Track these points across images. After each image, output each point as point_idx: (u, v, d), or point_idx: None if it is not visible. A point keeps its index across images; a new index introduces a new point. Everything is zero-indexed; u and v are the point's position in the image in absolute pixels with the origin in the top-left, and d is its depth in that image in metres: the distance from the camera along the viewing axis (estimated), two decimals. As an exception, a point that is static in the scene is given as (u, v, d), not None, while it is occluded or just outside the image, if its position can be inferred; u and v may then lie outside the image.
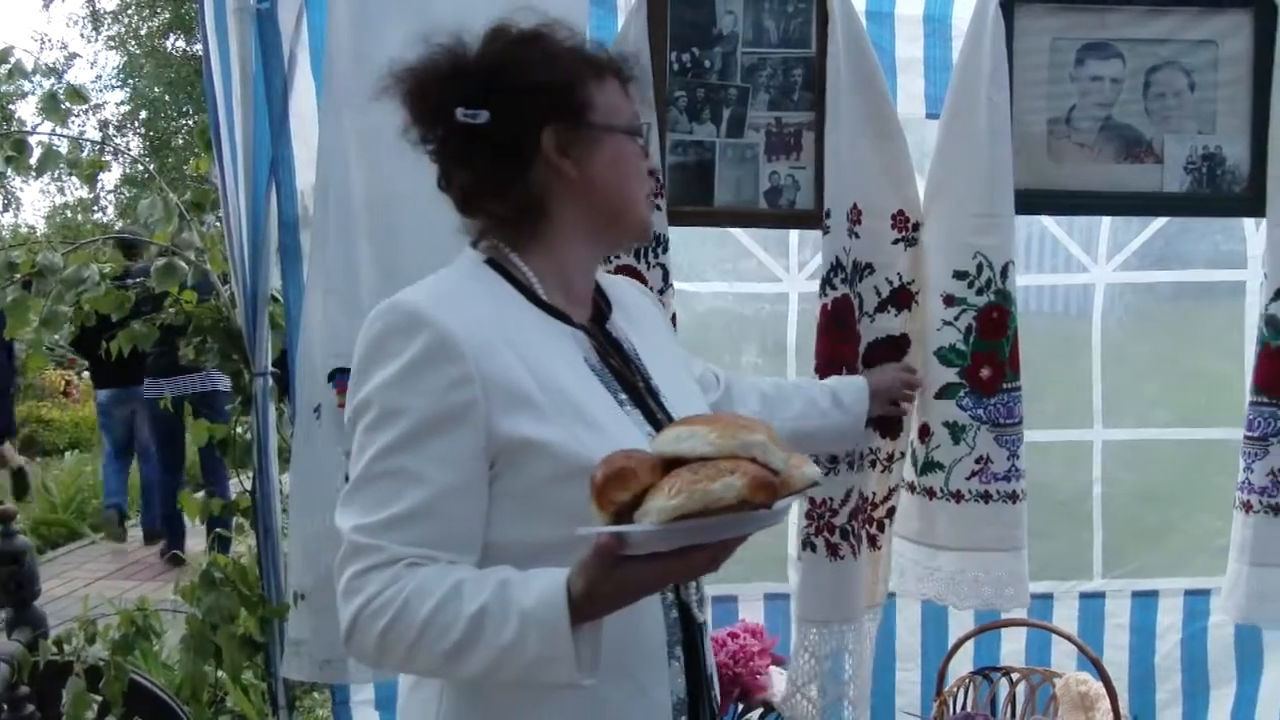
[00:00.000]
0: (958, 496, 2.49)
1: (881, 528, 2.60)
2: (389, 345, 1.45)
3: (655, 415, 1.61)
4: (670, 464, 1.30)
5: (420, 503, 1.42)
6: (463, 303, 1.50)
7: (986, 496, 2.47)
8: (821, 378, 2.41)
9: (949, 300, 2.45)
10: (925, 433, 2.52)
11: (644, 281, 2.45)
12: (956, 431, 2.47)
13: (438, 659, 1.39)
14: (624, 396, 1.59)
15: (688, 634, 1.60)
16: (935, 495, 2.51)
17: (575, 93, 1.56)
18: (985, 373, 2.44)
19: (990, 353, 2.44)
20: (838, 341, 2.45)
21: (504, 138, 1.55)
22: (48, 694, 2.64)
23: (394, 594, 1.38)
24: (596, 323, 1.67)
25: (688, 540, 1.28)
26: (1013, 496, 2.47)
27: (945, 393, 2.47)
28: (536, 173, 1.57)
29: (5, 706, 2.55)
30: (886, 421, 2.53)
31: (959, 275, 2.43)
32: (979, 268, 2.42)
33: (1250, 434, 2.54)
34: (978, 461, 2.47)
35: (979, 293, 2.43)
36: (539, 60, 1.56)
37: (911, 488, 2.56)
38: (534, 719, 1.49)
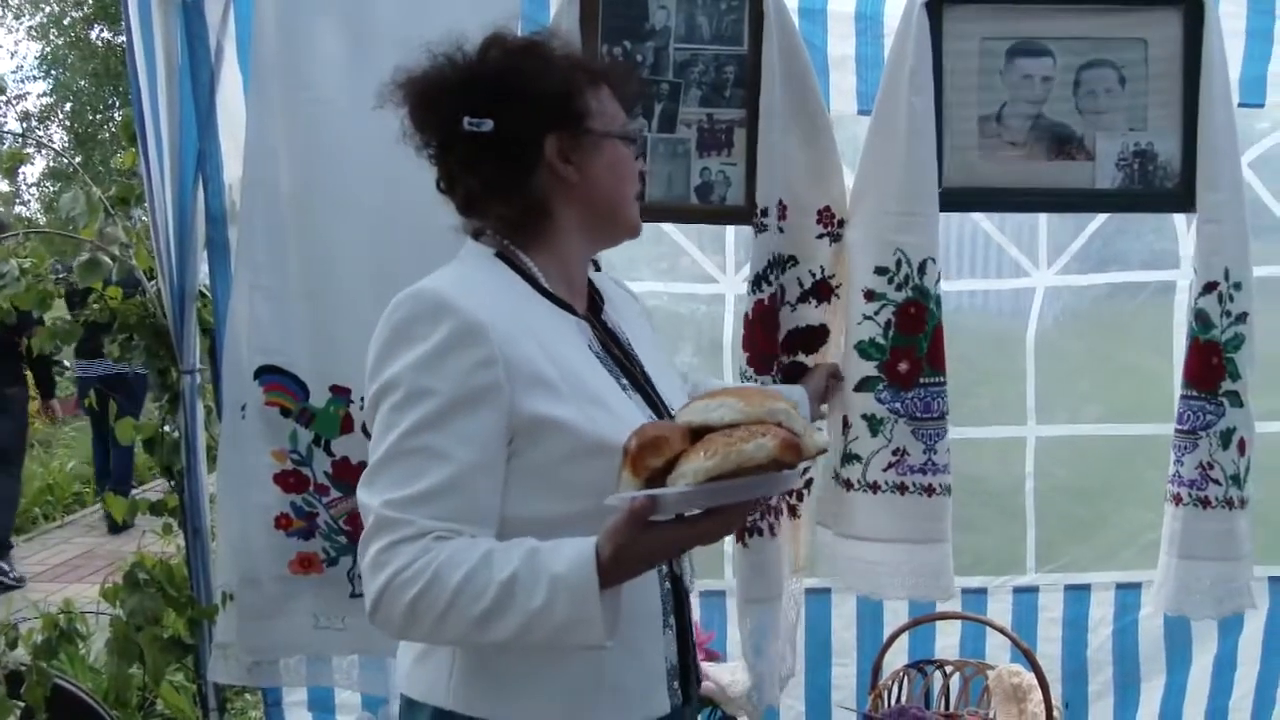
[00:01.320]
0: (874, 488, 2.50)
1: (800, 497, 2.64)
2: (415, 330, 1.52)
3: (654, 401, 1.71)
4: (698, 434, 1.38)
5: (446, 479, 1.47)
6: (483, 292, 1.57)
7: (902, 488, 2.49)
8: (757, 371, 2.47)
9: (869, 295, 2.47)
10: (845, 425, 2.54)
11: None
12: (874, 424, 2.49)
13: (468, 625, 1.44)
14: (626, 382, 1.68)
15: (678, 603, 1.70)
16: (853, 486, 2.53)
17: (575, 101, 1.64)
18: (903, 367, 2.47)
19: (908, 347, 2.46)
20: (770, 332, 2.49)
21: (508, 145, 1.62)
22: (-32, 700, 2.59)
23: (424, 565, 1.44)
24: (593, 314, 1.77)
25: (718, 500, 1.36)
26: (929, 490, 2.48)
27: (864, 386, 2.50)
28: (539, 177, 1.65)
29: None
30: None
31: (880, 271, 2.46)
32: (898, 264, 2.44)
33: (1180, 427, 2.57)
34: (894, 454, 2.48)
35: (898, 288, 2.46)
36: (539, 69, 1.63)
37: (836, 477, 2.58)
38: (541, 685, 1.58)
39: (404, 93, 1.66)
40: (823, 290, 2.56)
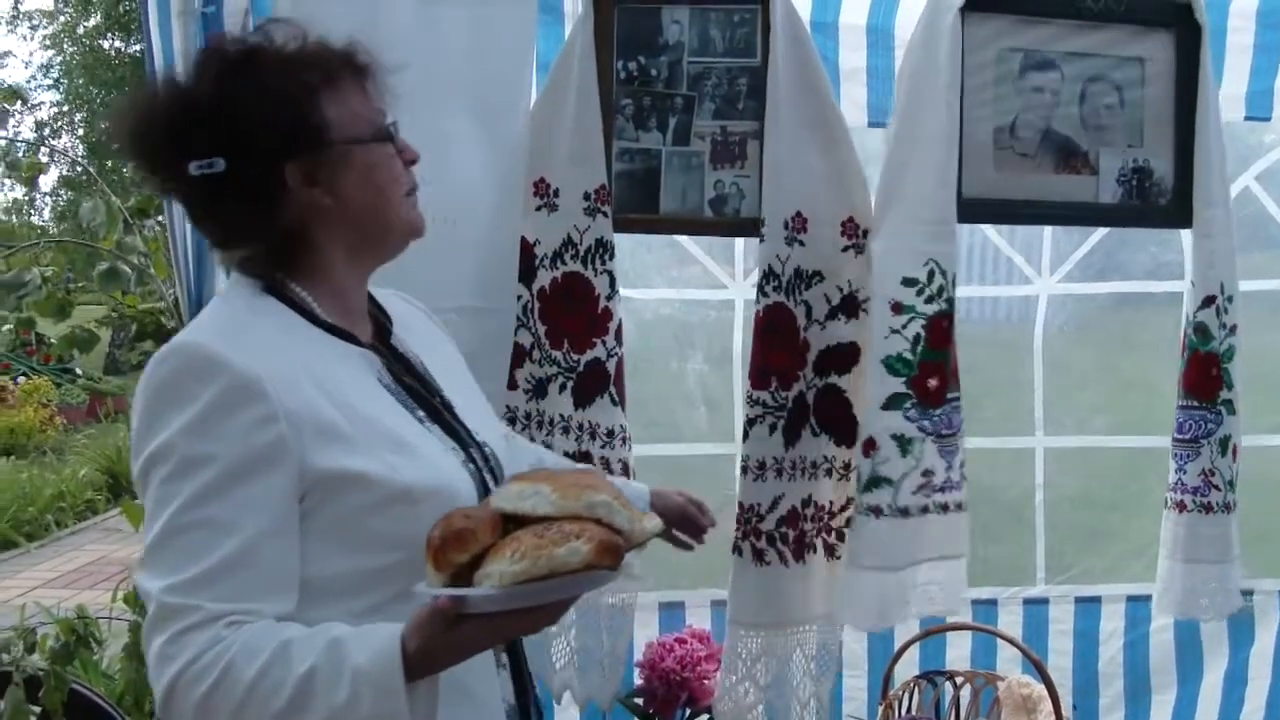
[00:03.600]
0: (905, 512, 2.43)
1: (841, 537, 2.55)
2: (183, 389, 1.37)
3: (455, 430, 1.58)
4: (509, 519, 1.29)
5: (234, 552, 1.34)
6: (253, 337, 1.44)
7: (926, 510, 2.45)
8: (755, 385, 2.45)
9: (897, 308, 2.41)
10: (871, 446, 2.43)
11: (590, 289, 2.46)
12: (904, 444, 2.41)
13: None
14: (422, 414, 1.55)
15: (510, 641, 1.58)
16: (882, 513, 2.43)
17: (309, 117, 1.47)
18: (933, 383, 2.41)
19: (938, 363, 2.41)
20: (772, 348, 2.47)
21: (245, 183, 1.46)
22: (-14, 704, 2.60)
23: (215, 656, 1.30)
24: (381, 339, 1.62)
25: (529, 602, 1.26)
26: (945, 507, 2.48)
27: (892, 403, 2.42)
28: (289, 208, 1.48)
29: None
30: (841, 429, 2.53)
31: (908, 282, 2.40)
32: (930, 275, 2.40)
33: (1181, 436, 2.61)
34: (924, 474, 2.43)
35: (928, 301, 2.40)
36: (263, 88, 1.46)
37: (859, 506, 2.45)
38: None
39: (122, 140, 1.50)
40: (851, 305, 2.50)
